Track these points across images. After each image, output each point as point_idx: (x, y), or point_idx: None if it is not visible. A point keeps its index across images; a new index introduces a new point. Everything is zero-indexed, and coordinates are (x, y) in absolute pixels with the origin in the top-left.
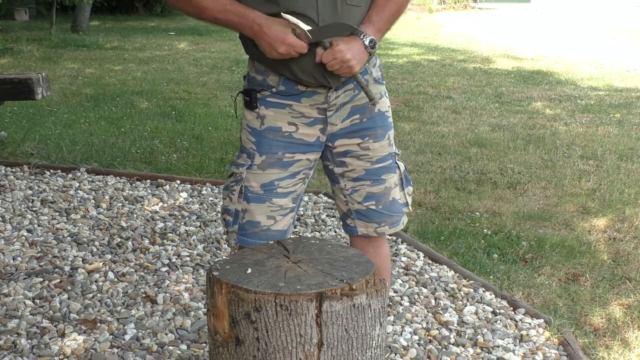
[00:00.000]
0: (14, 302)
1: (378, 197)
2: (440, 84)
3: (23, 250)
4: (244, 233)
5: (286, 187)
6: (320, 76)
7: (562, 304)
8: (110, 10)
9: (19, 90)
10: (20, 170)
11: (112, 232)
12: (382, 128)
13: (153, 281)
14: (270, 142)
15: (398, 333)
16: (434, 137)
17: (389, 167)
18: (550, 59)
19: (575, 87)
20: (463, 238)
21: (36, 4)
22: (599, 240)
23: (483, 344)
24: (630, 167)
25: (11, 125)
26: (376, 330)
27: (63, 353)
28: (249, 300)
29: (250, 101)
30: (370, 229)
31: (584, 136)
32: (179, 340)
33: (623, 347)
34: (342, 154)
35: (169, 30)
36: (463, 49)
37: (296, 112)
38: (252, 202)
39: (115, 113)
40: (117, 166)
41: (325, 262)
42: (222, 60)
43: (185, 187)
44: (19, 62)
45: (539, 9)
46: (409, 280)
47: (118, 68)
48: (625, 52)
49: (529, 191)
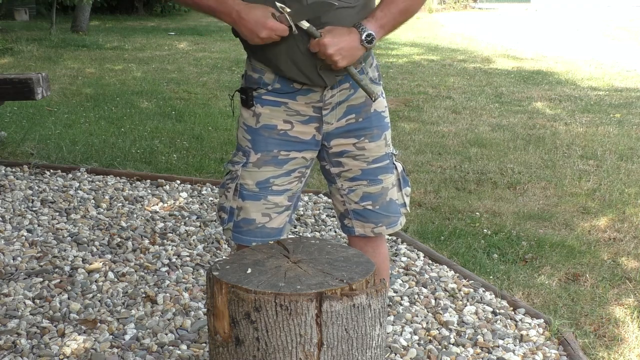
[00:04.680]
0: (14, 302)
1: (375, 197)
2: (440, 84)
3: (23, 250)
4: (239, 230)
5: (281, 185)
6: (315, 76)
7: (562, 304)
8: (110, 10)
9: (19, 90)
10: (20, 170)
11: (112, 232)
12: (378, 128)
13: (153, 281)
14: (266, 140)
15: (398, 333)
16: (434, 137)
17: (385, 167)
18: (550, 59)
19: (575, 87)
20: (463, 238)
21: (36, 4)
22: (599, 240)
23: (483, 344)
24: (630, 167)
25: (11, 125)
26: (376, 330)
27: (63, 353)
28: (249, 300)
29: (247, 99)
30: (367, 229)
31: (584, 136)
32: (179, 340)
33: (623, 347)
34: (338, 154)
35: (169, 30)
36: (463, 49)
37: (292, 110)
38: (248, 199)
39: (115, 113)
40: (117, 166)
41: (325, 262)
42: (222, 60)
43: (185, 187)
44: (19, 62)
45: (539, 9)
46: (409, 280)
47: (118, 68)
48: (625, 52)
49: (529, 191)
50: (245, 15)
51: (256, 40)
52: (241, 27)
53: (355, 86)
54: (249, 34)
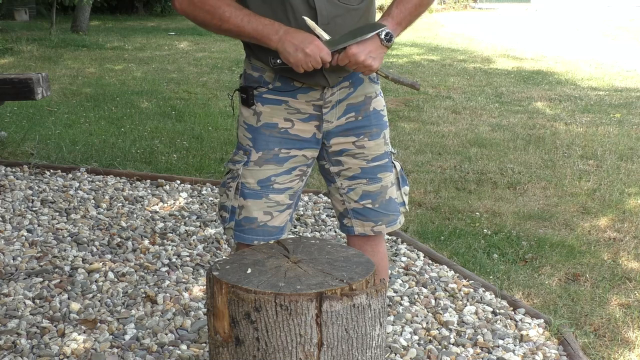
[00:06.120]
0: (14, 302)
1: (374, 196)
2: (440, 84)
3: (23, 250)
4: (241, 229)
5: (282, 183)
6: (319, 76)
7: (562, 304)
8: (110, 10)
9: (19, 90)
10: (20, 170)
11: (112, 232)
12: (378, 127)
13: (153, 281)
14: (267, 139)
15: (398, 333)
16: (434, 137)
17: (384, 165)
18: (550, 59)
19: (575, 87)
20: (463, 238)
21: (36, 4)
22: (599, 240)
23: (483, 344)
24: (630, 167)
25: (11, 125)
26: (376, 330)
27: (63, 353)
28: (249, 300)
29: (247, 98)
30: (367, 227)
31: (584, 136)
32: (179, 340)
33: (623, 347)
34: (338, 153)
35: (169, 30)
36: (463, 49)
37: (292, 109)
38: (249, 198)
39: (115, 113)
40: (117, 166)
41: (325, 262)
42: (222, 60)
43: (185, 187)
44: (19, 62)
45: (539, 9)
46: (409, 280)
47: (118, 68)
48: (625, 52)
49: (529, 191)
50: (293, 32)
51: (299, 56)
52: (285, 43)
53: (354, 85)
54: (292, 49)
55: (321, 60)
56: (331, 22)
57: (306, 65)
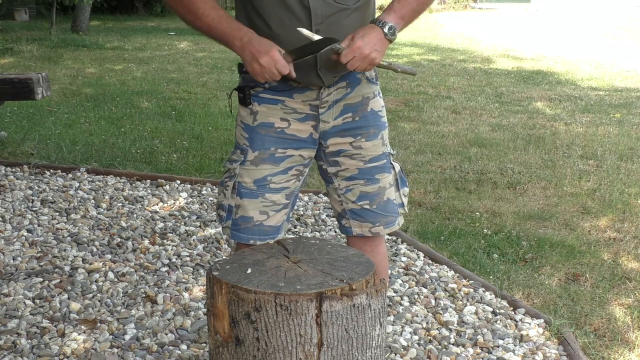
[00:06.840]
0: (14, 302)
1: (372, 197)
2: (440, 84)
3: (23, 250)
4: (237, 228)
5: (279, 183)
6: (313, 76)
7: (562, 304)
8: (110, 10)
9: (19, 90)
10: (20, 170)
11: (112, 232)
12: (375, 127)
13: (153, 281)
14: (263, 138)
15: (398, 333)
16: (434, 137)
17: (383, 166)
18: (550, 59)
19: (575, 87)
20: (463, 238)
21: (36, 4)
22: (599, 240)
23: (483, 344)
24: (630, 167)
25: (11, 125)
26: (376, 330)
27: (63, 353)
28: (249, 300)
29: (244, 98)
30: (364, 228)
31: (584, 136)
32: (179, 340)
33: (623, 347)
34: (335, 154)
35: (169, 30)
36: (463, 49)
37: (288, 108)
38: (245, 197)
39: (115, 113)
40: (117, 166)
41: (325, 262)
42: (222, 60)
43: (185, 187)
44: (19, 62)
45: (539, 9)
46: (409, 280)
47: (118, 68)
48: (625, 52)
49: (529, 191)
50: (256, 42)
51: (254, 66)
52: (245, 51)
53: (352, 85)
54: (249, 58)
55: (278, 72)
56: (325, 22)
57: (262, 77)
